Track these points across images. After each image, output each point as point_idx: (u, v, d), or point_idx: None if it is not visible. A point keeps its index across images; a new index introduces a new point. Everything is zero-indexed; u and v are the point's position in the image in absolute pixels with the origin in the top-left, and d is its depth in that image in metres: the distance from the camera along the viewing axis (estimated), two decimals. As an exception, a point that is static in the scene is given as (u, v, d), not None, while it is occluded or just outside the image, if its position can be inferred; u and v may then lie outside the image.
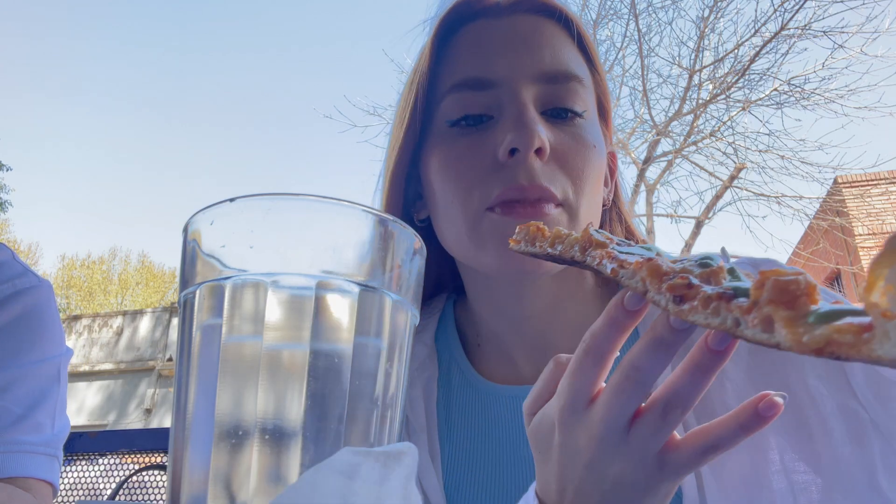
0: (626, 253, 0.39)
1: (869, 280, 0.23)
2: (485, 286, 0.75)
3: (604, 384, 0.44)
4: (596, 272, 0.40)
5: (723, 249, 0.72)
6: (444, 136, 0.69)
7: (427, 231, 0.77)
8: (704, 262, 0.35)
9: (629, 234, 0.82)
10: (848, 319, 0.25)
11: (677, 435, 0.44)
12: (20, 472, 0.87)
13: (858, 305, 0.26)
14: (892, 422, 0.57)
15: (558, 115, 0.68)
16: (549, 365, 0.49)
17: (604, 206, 0.79)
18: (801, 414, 0.60)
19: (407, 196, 0.77)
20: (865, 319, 0.24)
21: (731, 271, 0.34)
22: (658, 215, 8.71)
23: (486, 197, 0.65)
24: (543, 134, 0.64)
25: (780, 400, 0.39)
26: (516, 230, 0.47)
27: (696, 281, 0.34)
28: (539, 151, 0.64)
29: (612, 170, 0.81)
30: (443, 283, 0.87)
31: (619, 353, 0.44)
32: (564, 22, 0.72)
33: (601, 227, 0.79)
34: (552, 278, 0.72)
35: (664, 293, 0.34)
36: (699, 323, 0.33)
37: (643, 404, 0.42)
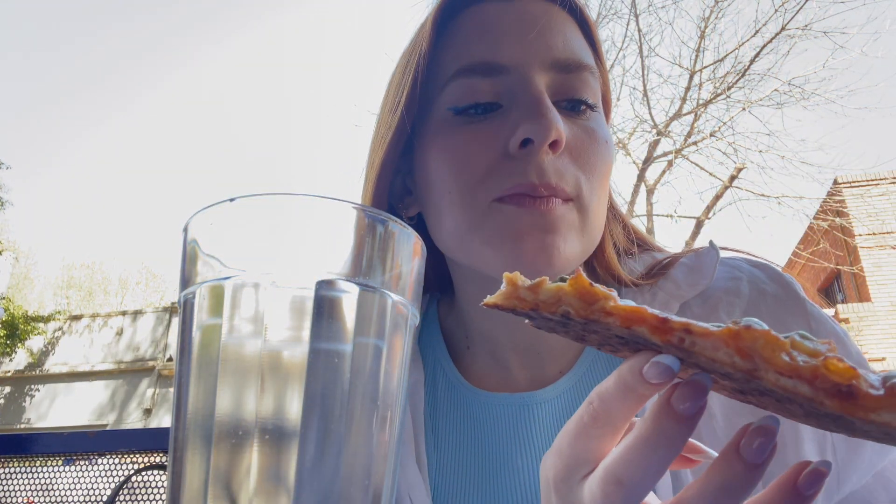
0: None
1: None
2: (479, 286, 0.70)
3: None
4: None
5: (711, 243, 0.71)
6: (446, 123, 0.64)
7: (418, 228, 0.73)
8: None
9: (628, 234, 0.79)
10: None
11: None
12: None
13: None
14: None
15: (573, 106, 0.64)
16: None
17: None
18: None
19: (393, 190, 0.72)
20: None
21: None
22: (658, 215, 8.71)
23: (494, 190, 0.61)
24: (562, 126, 0.60)
25: (825, 469, 0.31)
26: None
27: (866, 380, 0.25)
28: (554, 144, 0.60)
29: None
30: (427, 282, 0.82)
31: None
32: (571, 9, 0.68)
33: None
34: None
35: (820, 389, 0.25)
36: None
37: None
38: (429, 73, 0.66)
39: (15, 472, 1.42)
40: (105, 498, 1.33)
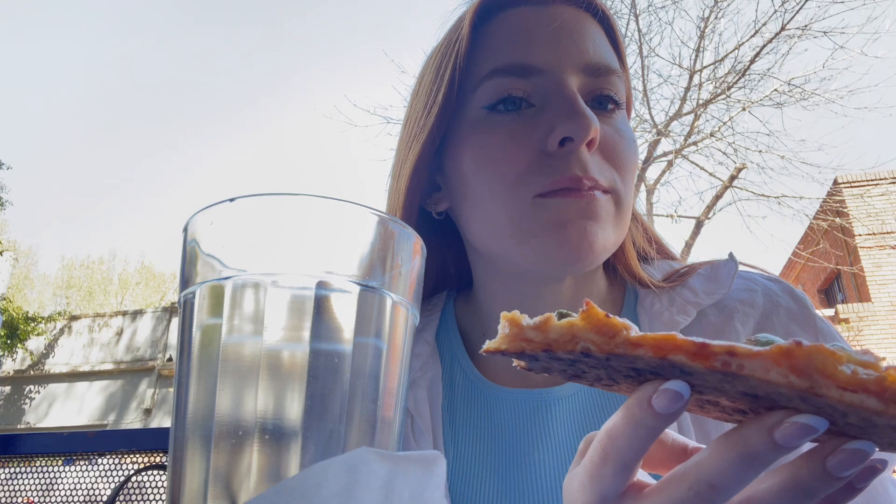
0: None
1: None
2: (502, 283, 0.72)
3: (650, 478, 0.37)
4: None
5: (730, 255, 0.72)
6: (481, 122, 0.67)
7: (442, 224, 0.76)
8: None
9: (647, 237, 0.80)
10: None
11: None
12: None
13: None
14: None
15: (601, 105, 0.67)
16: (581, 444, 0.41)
17: None
18: None
19: (421, 187, 0.74)
20: None
21: None
22: (658, 215, 8.71)
23: (536, 186, 0.63)
24: (597, 124, 0.62)
25: (881, 465, 0.30)
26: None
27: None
28: (591, 142, 0.62)
29: None
30: (447, 279, 0.85)
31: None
32: (600, 17, 0.71)
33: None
34: (574, 279, 0.71)
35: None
36: None
37: None
38: (463, 73, 0.68)
39: (15, 472, 1.42)
40: (105, 498, 1.33)
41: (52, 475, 1.40)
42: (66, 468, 1.41)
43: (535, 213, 0.63)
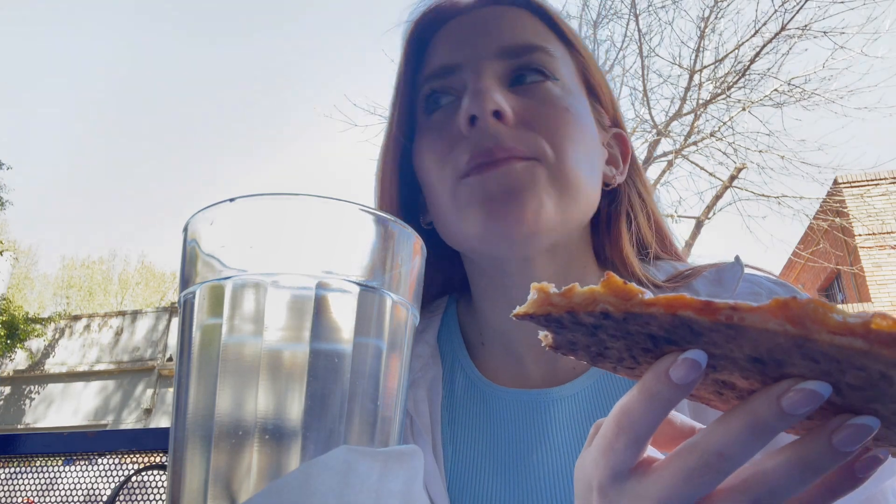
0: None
1: None
2: (489, 280, 0.73)
3: (659, 454, 0.38)
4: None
5: (737, 258, 0.71)
6: (422, 127, 0.72)
7: (434, 234, 0.76)
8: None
9: (660, 235, 0.79)
10: None
11: None
12: None
13: None
14: None
15: (521, 80, 0.68)
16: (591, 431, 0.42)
17: (608, 185, 0.76)
18: None
19: (408, 201, 0.77)
20: None
21: None
22: (658, 215, 8.69)
23: (458, 167, 0.65)
24: (497, 97, 0.64)
25: (882, 456, 0.32)
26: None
27: None
28: (500, 116, 0.64)
29: (624, 153, 0.78)
30: (451, 285, 0.86)
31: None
32: (530, 6, 0.73)
33: (614, 222, 0.77)
34: (556, 268, 0.71)
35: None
36: None
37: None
38: (411, 91, 0.74)
39: (15, 472, 1.42)
40: (105, 498, 1.33)
41: (51, 475, 1.40)
42: (66, 468, 1.41)
43: (461, 193, 0.65)
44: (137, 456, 1.37)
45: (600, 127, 0.75)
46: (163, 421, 13.39)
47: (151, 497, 1.32)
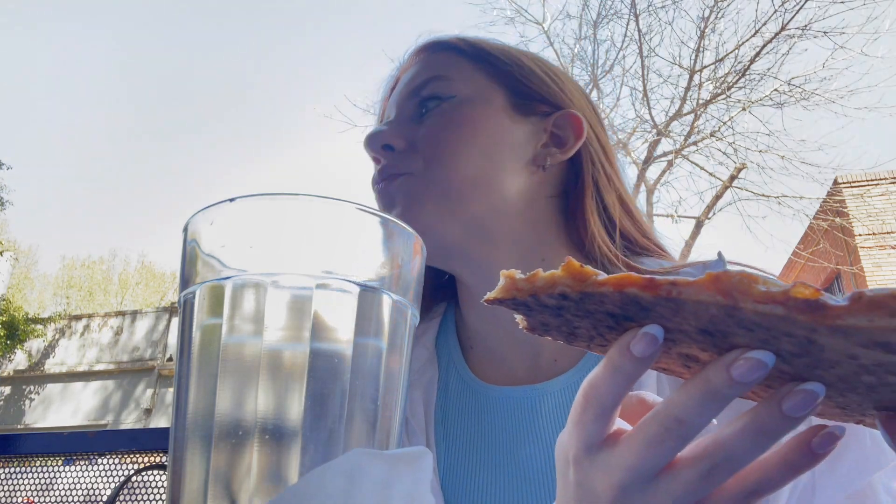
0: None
1: None
2: (462, 285, 0.79)
3: (627, 425, 0.40)
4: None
5: (719, 254, 0.72)
6: None
7: None
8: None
9: (637, 227, 0.80)
10: None
11: None
12: None
13: None
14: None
15: (424, 109, 0.77)
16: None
17: (543, 166, 0.77)
18: None
19: None
20: None
21: None
22: (658, 215, 8.71)
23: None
24: (387, 134, 0.75)
25: (839, 433, 0.33)
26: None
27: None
28: (388, 148, 0.75)
29: (576, 132, 0.78)
30: (451, 290, 0.89)
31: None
32: (440, 46, 0.82)
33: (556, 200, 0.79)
34: (517, 263, 0.73)
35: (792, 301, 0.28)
36: (858, 326, 0.27)
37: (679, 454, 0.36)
38: None
39: (15, 472, 1.42)
40: (105, 498, 1.34)
41: (52, 475, 1.40)
42: (66, 468, 1.41)
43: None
44: (137, 456, 1.37)
45: (521, 116, 0.78)
46: (163, 421, 13.40)
47: (151, 497, 1.32)
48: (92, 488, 1.36)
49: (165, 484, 0.36)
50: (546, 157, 0.78)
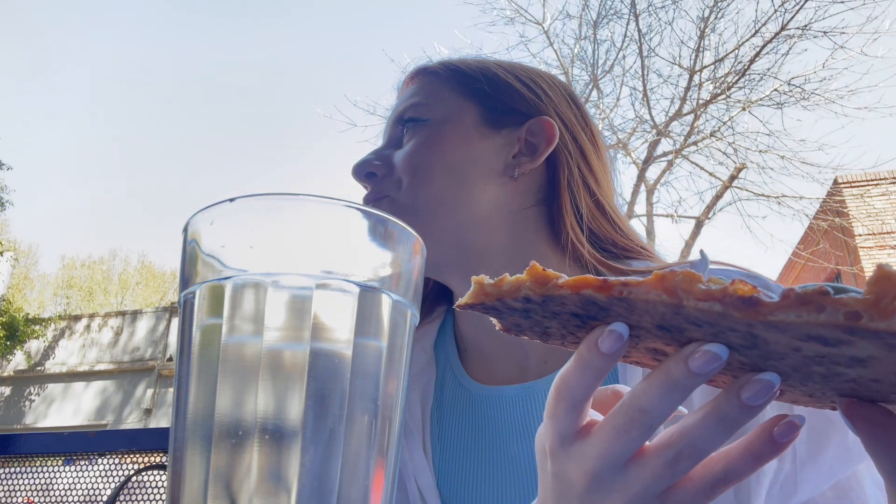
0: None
1: None
2: (457, 298, 0.81)
3: (599, 416, 0.42)
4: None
5: (701, 252, 0.72)
6: None
7: None
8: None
9: (614, 227, 0.80)
10: None
11: None
12: None
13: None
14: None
15: (402, 135, 0.81)
16: None
17: (515, 176, 0.78)
18: None
19: None
20: None
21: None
22: (658, 215, 8.71)
23: None
24: (365, 161, 0.80)
25: (799, 422, 0.35)
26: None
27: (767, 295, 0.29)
28: (371, 175, 0.79)
29: (548, 138, 0.78)
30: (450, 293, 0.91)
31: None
32: (421, 72, 0.85)
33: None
34: (500, 269, 0.74)
35: (730, 298, 0.29)
36: (788, 322, 0.28)
37: (648, 443, 0.38)
38: None
39: (15, 472, 1.42)
40: (105, 498, 1.34)
41: (52, 475, 1.40)
42: (67, 468, 1.41)
43: None
44: (137, 456, 1.37)
45: (492, 130, 0.79)
46: (163, 421, 13.40)
47: (151, 497, 1.32)
48: (92, 488, 1.36)
49: (165, 484, 0.36)
50: (515, 167, 0.79)
